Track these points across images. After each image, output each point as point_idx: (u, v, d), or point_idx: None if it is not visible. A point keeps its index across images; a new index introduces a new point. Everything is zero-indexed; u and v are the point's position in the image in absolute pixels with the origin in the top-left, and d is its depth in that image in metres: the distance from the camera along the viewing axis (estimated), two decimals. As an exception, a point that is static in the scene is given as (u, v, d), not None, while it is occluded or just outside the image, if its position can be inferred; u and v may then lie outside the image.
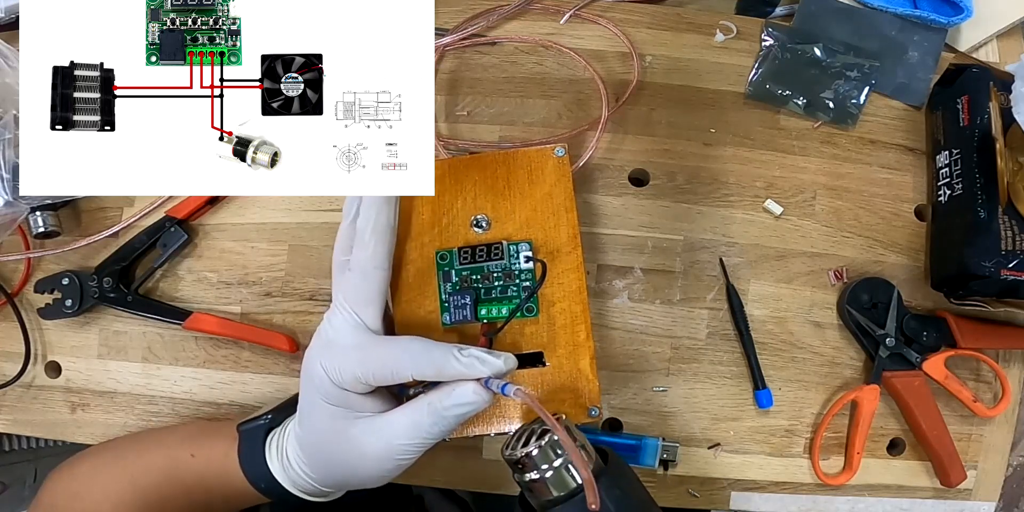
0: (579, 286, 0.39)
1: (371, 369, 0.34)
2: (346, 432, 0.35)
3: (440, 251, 0.39)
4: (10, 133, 0.45)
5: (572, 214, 0.40)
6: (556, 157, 0.40)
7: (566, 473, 0.30)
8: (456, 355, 0.33)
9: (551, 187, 0.40)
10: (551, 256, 0.39)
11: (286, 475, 0.39)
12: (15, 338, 0.51)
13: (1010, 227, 0.46)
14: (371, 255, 0.36)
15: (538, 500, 0.31)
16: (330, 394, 0.35)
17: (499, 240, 0.39)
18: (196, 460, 0.41)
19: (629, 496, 0.32)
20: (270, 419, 0.41)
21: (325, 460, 0.37)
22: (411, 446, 0.34)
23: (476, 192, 0.40)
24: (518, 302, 0.38)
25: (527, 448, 0.31)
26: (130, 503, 0.41)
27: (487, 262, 0.39)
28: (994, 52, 0.56)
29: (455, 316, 0.38)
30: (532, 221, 0.40)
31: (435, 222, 0.40)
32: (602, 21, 0.53)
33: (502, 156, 0.40)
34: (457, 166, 0.40)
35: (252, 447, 0.40)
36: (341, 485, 0.39)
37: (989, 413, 0.50)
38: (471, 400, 0.33)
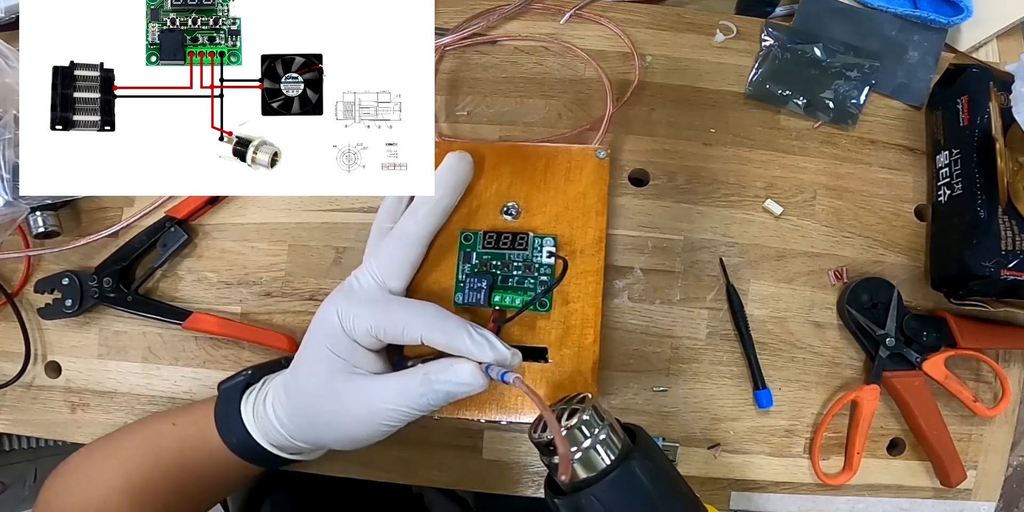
0: (596, 289, 0.39)
1: (384, 323, 0.34)
2: (337, 386, 0.35)
3: (465, 231, 0.39)
4: (10, 133, 0.45)
5: (602, 217, 0.40)
6: (597, 159, 0.40)
7: (595, 454, 0.30)
8: (470, 330, 0.33)
9: (587, 187, 0.40)
10: (574, 255, 0.39)
11: (257, 425, 0.38)
12: (15, 338, 0.51)
13: (1010, 227, 0.46)
14: (417, 229, 0.36)
15: (569, 481, 0.31)
16: (337, 342, 0.35)
17: (526, 231, 0.39)
18: (176, 428, 0.41)
19: (660, 469, 0.32)
20: (249, 375, 0.41)
21: (307, 411, 0.37)
22: (396, 412, 0.34)
23: (512, 180, 0.40)
24: (533, 294, 0.38)
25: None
26: (118, 486, 0.40)
27: (510, 250, 0.39)
28: (994, 52, 0.56)
29: (468, 298, 0.38)
30: (562, 217, 0.40)
31: (466, 202, 0.40)
32: (603, 20, 0.53)
33: (544, 150, 0.40)
34: (499, 151, 0.40)
35: (229, 402, 0.40)
36: (315, 441, 0.38)
37: (989, 413, 0.50)
38: (466, 380, 0.33)
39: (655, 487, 0.31)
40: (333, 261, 0.51)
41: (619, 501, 0.30)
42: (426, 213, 0.37)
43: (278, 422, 0.38)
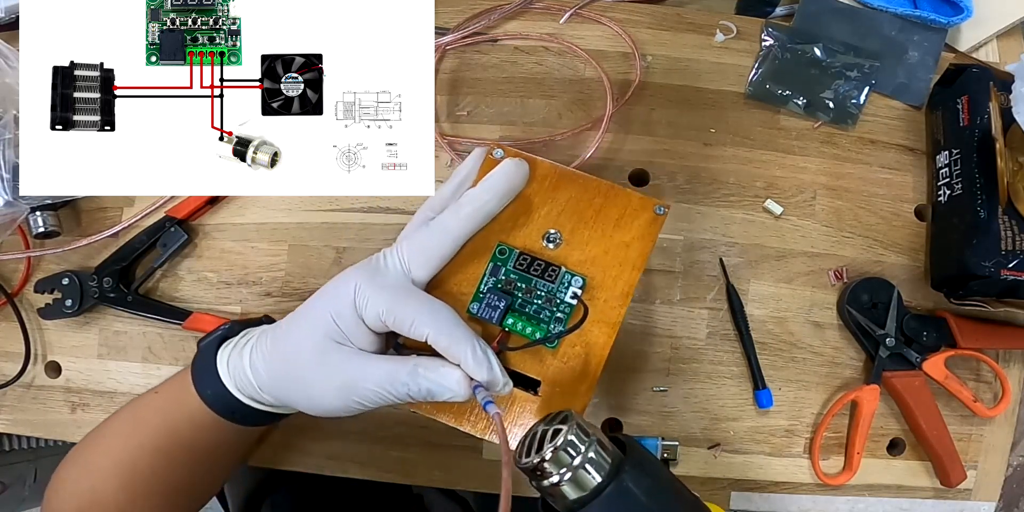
0: (606, 342, 0.38)
1: (396, 313, 0.34)
2: (326, 351, 0.35)
3: (502, 245, 0.38)
4: (10, 133, 0.45)
5: (637, 273, 0.38)
6: (654, 213, 0.39)
7: (584, 473, 0.30)
8: (475, 345, 0.33)
9: (633, 238, 0.38)
10: (596, 303, 0.38)
11: (231, 374, 0.38)
12: (15, 338, 0.51)
13: (1010, 227, 0.46)
14: (456, 226, 0.36)
15: (563, 503, 0.30)
16: (343, 314, 0.34)
17: (559, 263, 0.38)
18: (159, 396, 0.41)
19: (655, 479, 0.31)
20: (227, 328, 0.40)
21: (287, 366, 0.36)
22: (373, 393, 0.34)
23: (565, 208, 0.39)
24: (546, 328, 0.38)
25: (540, 454, 0.30)
26: (107, 469, 0.40)
27: (538, 278, 0.38)
28: (994, 52, 0.56)
29: (483, 312, 0.37)
30: (598, 261, 0.39)
31: (514, 213, 0.39)
32: (603, 20, 0.53)
33: (606, 187, 0.39)
34: (563, 175, 0.39)
35: (205, 355, 0.39)
36: (283, 398, 0.37)
37: (989, 413, 0.50)
38: (450, 386, 0.33)
39: (652, 499, 0.30)
40: (333, 261, 0.51)
41: None
42: (469, 213, 0.36)
43: (252, 371, 0.37)
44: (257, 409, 0.38)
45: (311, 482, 0.64)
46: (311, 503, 0.64)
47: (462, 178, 0.38)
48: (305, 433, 0.50)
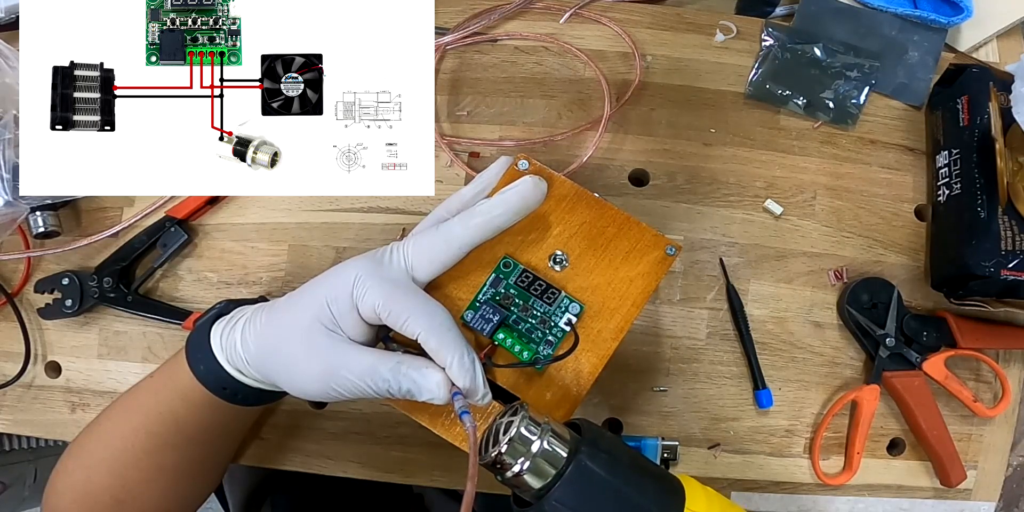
0: (591, 371, 0.38)
1: (392, 307, 0.34)
2: (313, 335, 0.35)
3: (508, 258, 0.38)
4: (10, 133, 0.45)
5: (636, 311, 0.38)
6: (665, 253, 0.38)
7: (542, 461, 0.30)
8: (464, 353, 0.33)
9: (638, 275, 0.38)
10: (588, 334, 0.38)
11: (223, 348, 0.38)
12: (15, 338, 0.51)
13: (1010, 227, 0.46)
14: (462, 235, 0.36)
15: (530, 493, 0.31)
16: (338, 300, 0.34)
17: (560, 286, 0.38)
18: (153, 379, 0.41)
19: (613, 455, 0.31)
20: (223, 306, 0.41)
21: (274, 343, 0.36)
22: (352, 383, 0.34)
23: (578, 231, 0.38)
24: (535, 349, 0.38)
25: (497, 447, 0.31)
26: (101, 459, 0.40)
27: (536, 299, 0.38)
28: (994, 52, 0.56)
29: (476, 323, 0.37)
30: (599, 291, 0.38)
31: (527, 228, 0.38)
32: (603, 20, 0.53)
33: (623, 217, 0.38)
34: (583, 199, 0.38)
35: (199, 332, 0.39)
36: (266, 375, 0.37)
37: (989, 413, 0.50)
38: (429, 388, 0.33)
39: (613, 474, 0.30)
40: (333, 261, 0.51)
41: (581, 497, 0.30)
42: (478, 223, 0.36)
43: (242, 344, 0.37)
44: (246, 385, 0.38)
45: (311, 482, 0.64)
46: (311, 503, 0.64)
47: (483, 185, 0.38)
48: (305, 433, 0.50)
